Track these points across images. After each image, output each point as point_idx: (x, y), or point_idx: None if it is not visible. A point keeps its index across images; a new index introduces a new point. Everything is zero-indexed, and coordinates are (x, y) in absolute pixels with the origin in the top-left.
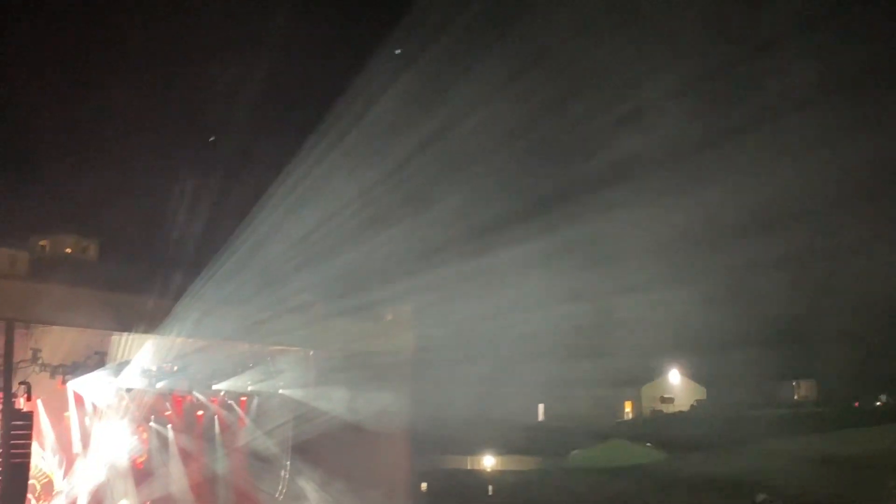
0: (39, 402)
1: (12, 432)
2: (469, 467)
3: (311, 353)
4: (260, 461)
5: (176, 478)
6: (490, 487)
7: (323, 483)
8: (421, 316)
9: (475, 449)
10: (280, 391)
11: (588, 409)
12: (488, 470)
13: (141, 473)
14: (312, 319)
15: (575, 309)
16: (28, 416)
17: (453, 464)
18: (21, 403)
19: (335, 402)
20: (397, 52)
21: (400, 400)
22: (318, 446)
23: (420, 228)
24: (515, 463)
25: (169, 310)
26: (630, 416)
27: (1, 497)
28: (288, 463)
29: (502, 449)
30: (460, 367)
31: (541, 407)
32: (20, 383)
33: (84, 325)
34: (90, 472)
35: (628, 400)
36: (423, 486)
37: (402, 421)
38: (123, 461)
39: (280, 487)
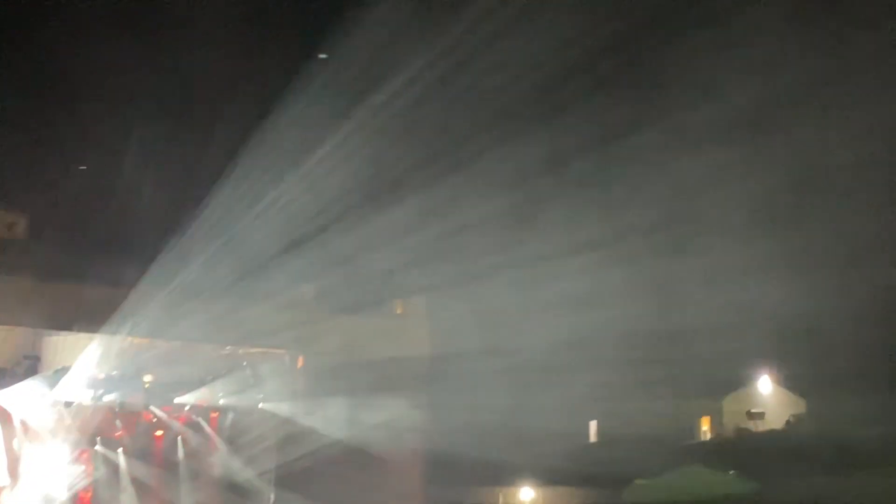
0: None
1: None
2: (501, 503)
3: (301, 357)
4: (236, 495)
5: None
6: None
7: None
8: (438, 310)
9: (509, 478)
10: (261, 405)
11: (654, 427)
12: None
13: None
14: (302, 315)
15: (636, 300)
16: None
17: (481, 498)
18: None
19: (330, 418)
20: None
21: (412, 416)
22: (310, 475)
23: (438, 200)
24: (561, 497)
25: (119, 303)
26: (708, 435)
27: None
28: (272, 497)
29: (544, 478)
30: (489, 374)
31: (593, 424)
32: None
33: (10, 321)
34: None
35: (706, 415)
36: None
37: (416, 443)
38: (62, 495)
39: None
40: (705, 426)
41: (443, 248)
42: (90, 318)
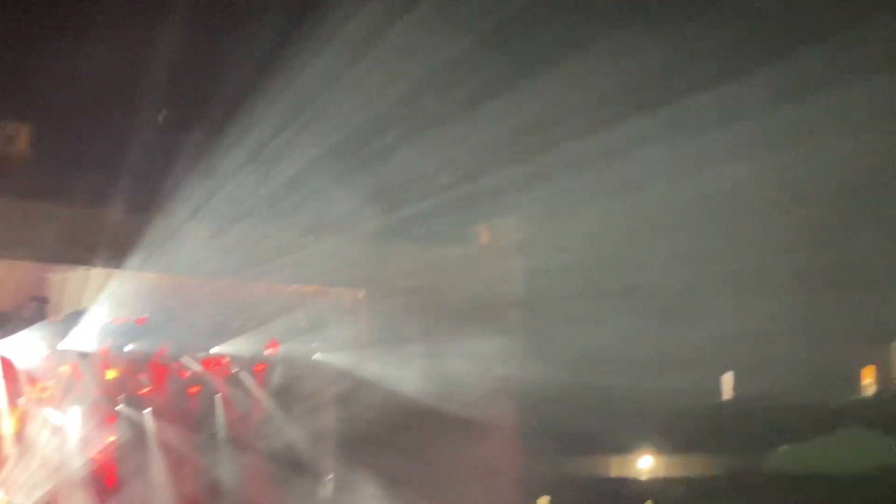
0: None
1: None
2: (616, 473)
3: (363, 295)
4: (286, 465)
5: (158, 490)
6: (648, 503)
7: (386, 500)
8: (534, 235)
9: (624, 445)
10: (315, 356)
11: (803, 381)
12: (645, 477)
13: (105, 483)
14: (365, 245)
15: (780, 217)
16: None
17: (590, 468)
18: None
19: (400, 371)
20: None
21: (502, 367)
22: (376, 442)
23: (531, 94)
24: (689, 466)
25: (143, 232)
26: (871, 390)
27: None
28: (330, 467)
29: (667, 444)
30: (595, 317)
31: (727, 377)
32: None
33: (12, 255)
34: (30, 484)
35: (869, 365)
36: (544, 501)
37: (507, 402)
38: (79, 465)
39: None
40: (868, 378)
41: (538, 160)
42: (109, 251)
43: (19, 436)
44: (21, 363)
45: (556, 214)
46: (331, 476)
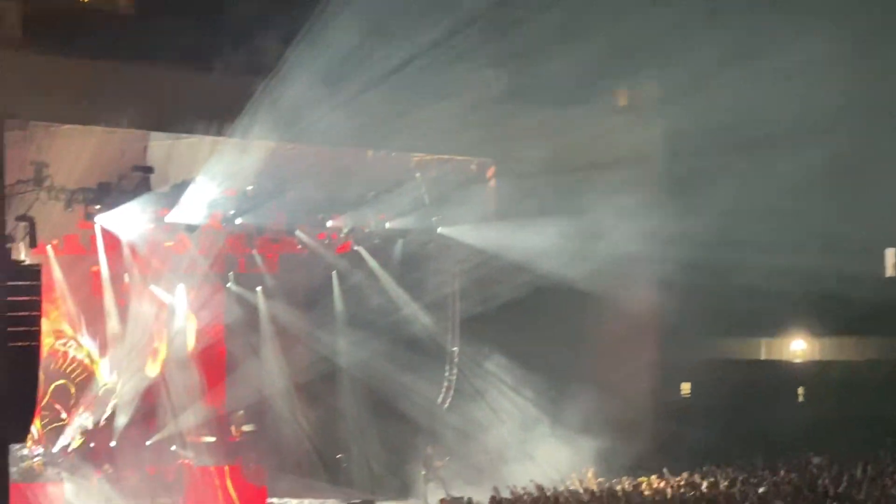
0: (50, 250)
1: (9, 298)
2: (764, 356)
3: (492, 166)
4: (409, 347)
5: (271, 372)
6: (800, 391)
7: (515, 383)
8: (676, 101)
9: (773, 326)
10: (439, 229)
11: None
12: (797, 360)
13: (215, 365)
14: (492, 110)
15: None
16: (34, 272)
17: (735, 351)
18: (21, 252)
19: (530, 246)
20: None
21: (641, 240)
22: (505, 322)
23: None
24: (844, 349)
25: (254, 97)
26: None
27: (7, 404)
28: (456, 350)
29: (820, 326)
30: (746, 185)
31: (890, 255)
32: (18, 219)
33: (115, 122)
34: (135, 365)
35: None
36: (685, 386)
37: (645, 277)
38: (187, 345)
39: (444, 391)
40: None
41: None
42: (218, 117)
43: (124, 312)
44: (125, 237)
45: (701, 78)
46: (455, 349)
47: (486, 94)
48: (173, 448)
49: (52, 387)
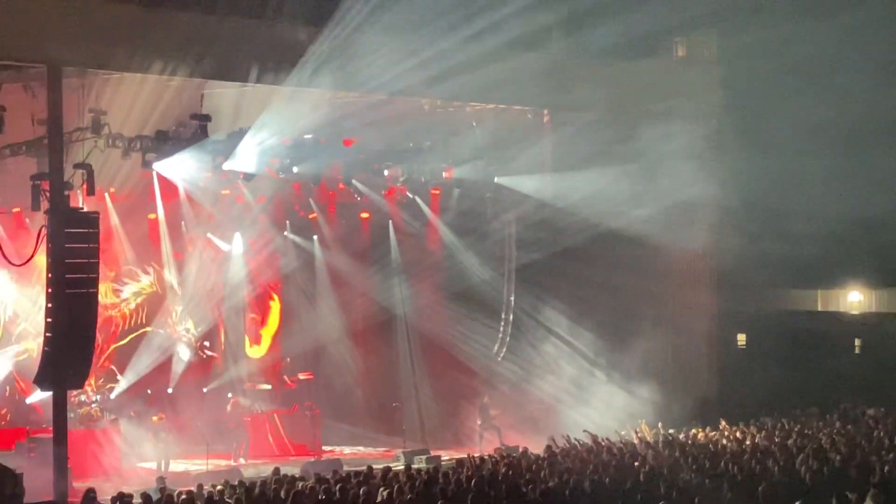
0: (108, 197)
1: (67, 245)
2: (819, 308)
3: (547, 115)
4: (464, 297)
5: (327, 321)
6: (857, 342)
7: (571, 333)
8: (735, 51)
9: (829, 277)
10: (496, 179)
11: None
12: (854, 312)
13: (271, 313)
14: (547, 59)
15: None
16: (92, 220)
17: (791, 302)
18: (79, 199)
19: (586, 197)
20: None
21: (697, 192)
22: (561, 271)
23: None
24: None
25: (310, 44)
26: None
27: (64, 349)
28: (511, 300)
29: (878, 278)
30: (802, 130)
31: None
32: (76, 167)
33: (171, 70)
34: (192, 312)
35: None
36: (741, 338)
37: (703, 230)
38: (243, 293)
39: (499, 342)
40: None
41: None
42: (274, 65)
43: (181, 260)
44: (182, 184)
45: (759, 28)
46: (511, 299)
47: (544, 42)
48: (229, 395)
49: (110, 334)
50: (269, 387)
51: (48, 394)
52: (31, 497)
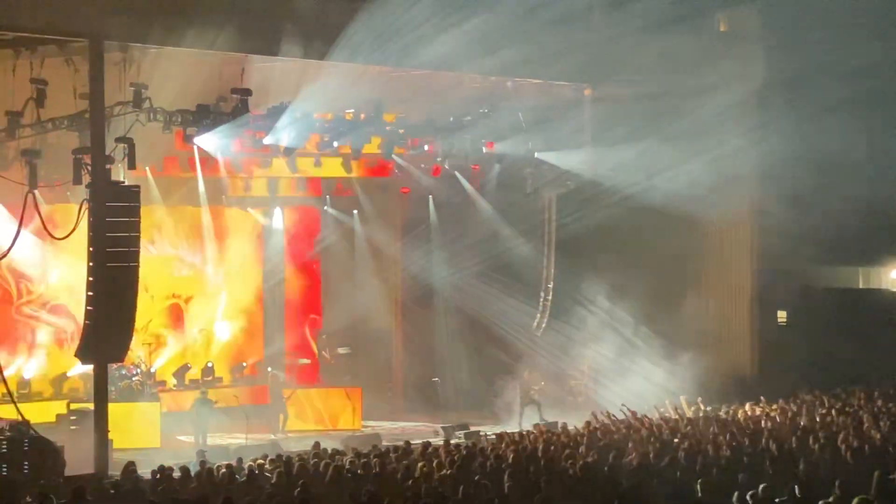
0: (149, 171)
1: (108, 218)
2: (861, 285)
3: (588, 91)
4: (504, 271)
5: (366, 295)
6: None
7: (610, 308)
8: (778, 25)
9: (872, 256)
10: (536, 154)
11: None
12: None
13: (311, 287)
14: (589, 34)
15: None
16: (132, 193)
17: (833, 280)
18: (120, 173)
19: (627, 172)
20: None
21: (738, 167)
22: (600, 247)
23: None
24: None
25: (349, 18)
26: None
27: (105, 323)
28: (551, 273)
29: None
30: (846, 109)
31: None
32: (117, 140)
33: (213, 44)
34: (232, 286)
35: None
36: (782, 315)
37: (744, 205)
38: (283, 268)
39: (538, 316)
40: None
41: None
42: (315, 39)
43: (221, 234)
44: (223, 158)
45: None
46: (551, 272)
47: (586, 17)
48: (269, 369)
49: (149, 307)
50: (308, 361)
51: (89, 367)
52: (71, 469)
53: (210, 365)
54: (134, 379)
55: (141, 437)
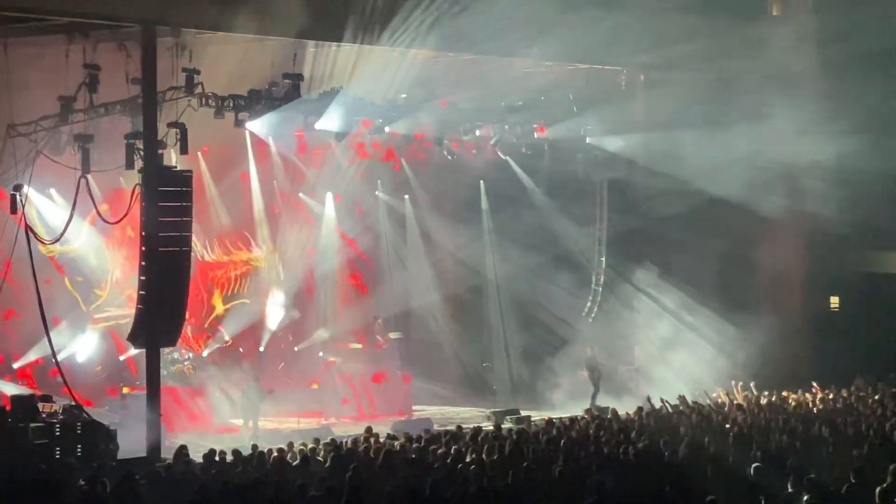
0: (201, 156)
1: (160, 203)
2: None
3: (641, 75)
4: (555, 258)
5: (417, 281)
6: None
7: (662, 296)
8: (830, 6)
9: None
10: (588, 139)
11: None
12: None
13: (362, 273)
14: (642, 18)
15: None
16: (185, 178)
17: (885, 265)
18: (172, 158)
19: (679, 158)
20: None
21: (790, 153)
22: (652, 234)
23: None
24: None
25: (401, 3)
26: None
27: (158, 307)
28: (602, 260)
29: None
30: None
31: None
32: (170, 125)
33: (264, 29)
34: (284, 271)
35: None
36: (834, 300)
37: (796, 191)
38: (335, 253)
39: (589, 303)
40: None
41: None
42: (367, 24)
43: (273, 219)
44: (274, 144)
45: None
46: (602, 260)
47: (637, 2)
48: (321, 354)
49: (200, 293)
50: (359, 346)
51: (141, 351)
52: (124, 453)
53: (262, 350)
54: (186, 363)
55: (193, 421)
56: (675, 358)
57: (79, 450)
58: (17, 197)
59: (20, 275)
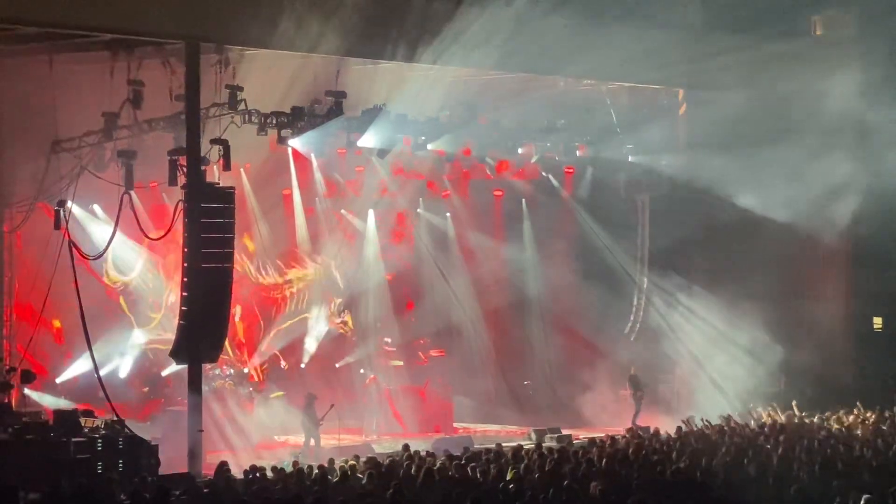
0: (243, 173)
1: (203, 219)
2: None
3: (682, 93)
4: (596, 276)
5: (459, 298)
6: None
7: (704, 314)
8: (876, 28)
9: None
10: (630, 157)
11: None
12: None
13: (404, 289)
14: (685, 39)
15: None
16: (227, 194)
17: None
18: (215, 174)
19: (721, 177)
20: None
21: (833, 173)
22: (694, 252)
23: None
24: None
25: (444, 21)
26: None
27: (200, 323)
28: (644, 280)
29: None
30: None
31: None
32: (212, 142)
33: (307, 47)
34: (326, 286)
35: None
36: (877, 321)
37: (838, 210)
38: (377, 270)
39: (632, 320)
40: None
41: None
42: (410, 42)
43: (315, 236)
44: (317, 160)
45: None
46: (644, 279)
47: (680, 22)
48: (362, 371)
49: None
50: (401, 363)
51: (183, 367)
52: (165, 468)
53: (303, 366)
54: (227, 379)
55: (234, 437)
56: (717, 377)
57: (120, 465)
58: (61, 212)
59: (66, 290)
